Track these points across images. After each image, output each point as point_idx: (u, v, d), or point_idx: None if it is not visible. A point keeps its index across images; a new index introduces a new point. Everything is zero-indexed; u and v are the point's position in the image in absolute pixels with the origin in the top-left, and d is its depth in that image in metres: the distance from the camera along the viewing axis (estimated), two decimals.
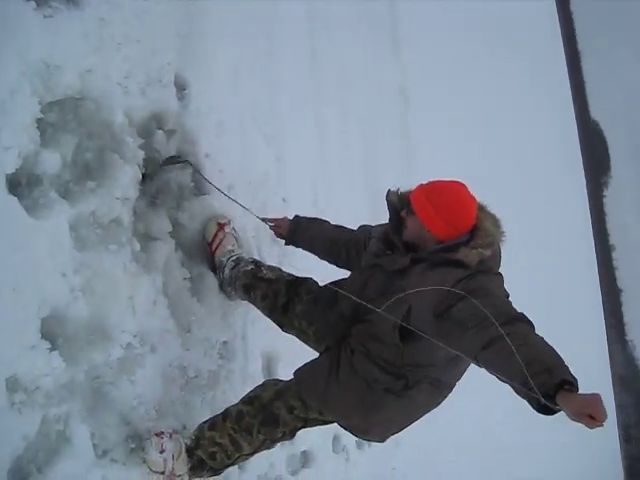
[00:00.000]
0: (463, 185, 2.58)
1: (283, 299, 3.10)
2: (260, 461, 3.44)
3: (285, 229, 3.19)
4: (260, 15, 4.11)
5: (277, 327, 3.20)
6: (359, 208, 4.69)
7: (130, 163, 2.81)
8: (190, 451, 2.75)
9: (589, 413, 1.67)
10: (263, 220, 3.25)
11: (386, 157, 4.28)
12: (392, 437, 2.86)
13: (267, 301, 3.13)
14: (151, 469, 2.65)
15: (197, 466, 2.76)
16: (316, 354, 2.94)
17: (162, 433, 2.70)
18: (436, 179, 2.63)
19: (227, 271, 3.24)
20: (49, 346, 2.29)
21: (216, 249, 3.29)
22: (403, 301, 2.46)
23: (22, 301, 2.22)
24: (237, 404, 2.82)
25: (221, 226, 3.30)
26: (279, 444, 2.90)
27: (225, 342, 3.34)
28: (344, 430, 2.82)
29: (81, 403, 2.45)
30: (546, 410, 1.81)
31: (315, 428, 2.90)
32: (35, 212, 2.35)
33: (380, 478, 4.79)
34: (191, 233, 3.26)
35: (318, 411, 2.68)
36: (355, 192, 4.81)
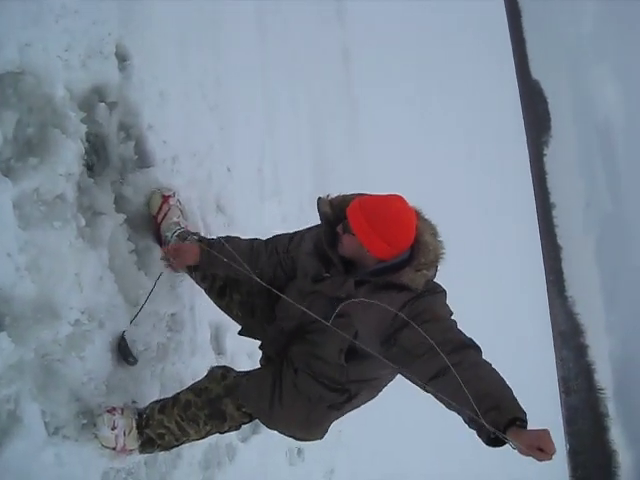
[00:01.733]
0: (401, 199, 2.51)
1: (220, 282, 3.15)
2: None
3: (194, 254, 3.01)
4: None
5: None
6: (305, 176, 4.72)
7: (73, 138, 2.75)
8: (140, 428, 2.78)
9: (539, 447, 1.80)
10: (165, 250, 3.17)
11: (332, 124, 4.30)
12: None
13: (206, 282, 3.19)
14: (103, 445, 2.68)
15: (147, 443, 2.81)
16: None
17: (114, 409, 2.72)
18: (373, 194, 2.58)
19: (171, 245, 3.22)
20: None
21: (161, 221, 3.26)
22: (349, 326, 2.48)
23: None
24: (187, 391, 2.84)
25: (166, 198, 3.27)
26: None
27: (173, 314, 3.37)
28: None
29: (31, 382, 2.44)
30: (495, 443, 1.93)
31: None
32: None
33: (327, 441, 4.89)
34: (136, 207, 3.23)
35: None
36: (301, 160, 4.82)
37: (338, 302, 2.47)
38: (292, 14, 5.00)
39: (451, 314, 2.45)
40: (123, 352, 2.91)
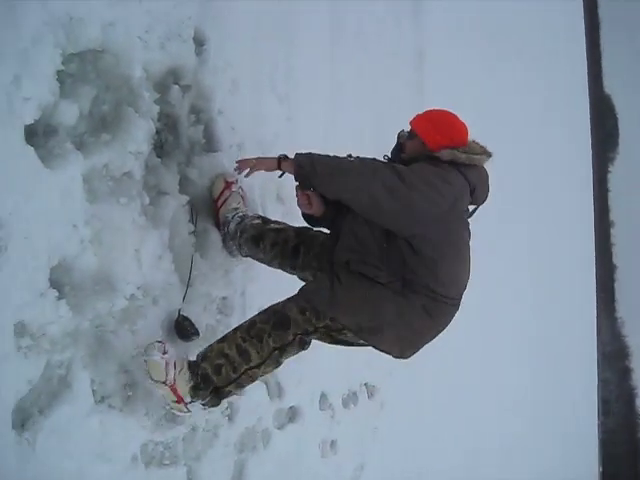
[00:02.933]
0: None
1: (293, 242, 3.22)
2: (248, 414, 3.58)
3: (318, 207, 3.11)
4: None
5: (276, 285, 3.30)
6: None
7: (145, 117, 2.83)
8: (194, 366, 2.76)
9: None
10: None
11: (398, 121, 4.27)
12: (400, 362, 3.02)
13: (277, 248, 3.23)
14: (152, 377, 2.67)
15: (199, 385, 2.74)
16: None
17: (166, 344, 2.75)
18: (430, 108, 3.04)
19: (232, 226, 3.29)
20: (57, 294, 2.35)
21: (221, 206, 3.34)
22: None
23: (33, 250, 2.27)
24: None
25: (228, 184, 3.33)
26: (284, 362, 2.86)
27: (224, 297, 3.42)
28: (357, 346, 2.92)
29: (84, 350, 2.54)
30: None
31: (305, 386, 2.96)
32: (50, 162, 2.37)
33: (362, 437, 4.95)
34: (199, 189, 3.30)
35: (328, 318, 2.74)
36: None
37: None
38: (366, 13, 5.01)
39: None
40: (181, 330, 3.00)
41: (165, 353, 2.68)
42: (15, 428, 2.25)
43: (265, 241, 3.24)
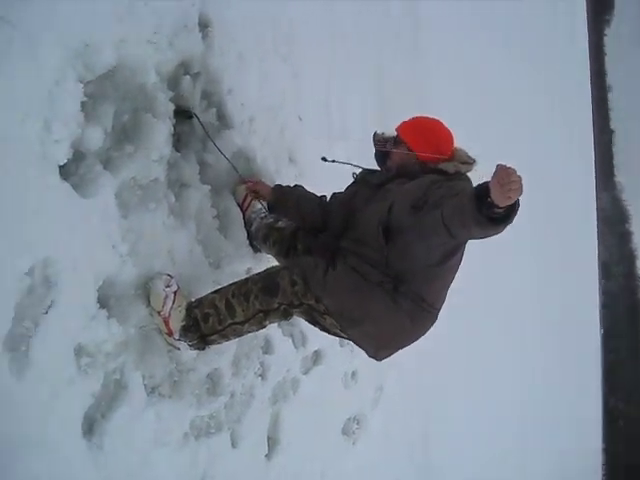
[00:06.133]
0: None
1: (287, 243, 3.40)
2: (278, 368, 3.87)
3: (267, 192, 3.45)
4: None
5: None
6: (368, 114, 4.81)
7: (163, 119, 2.92)
8: (189, 309, 2.89)
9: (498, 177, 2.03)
10: (244, 181, 3.49)
11: (396, 71, 4.38)
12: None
13: (277, 246, 3.44)
14: (150, 303, 2.81)
15: (190, 327, 2.88)
16: None
17: (173, 279, 2.88)
18: (416, 115, 3.11)
19: (254, 225, 3.51)
20: (107, 314, 2.55)
21: (247, 208, 3.54)
22: (386, 199, 2.86)
23: (81, 279, 2.44)
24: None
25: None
26: (268, 325, 2.99)
27: (249, 269, 3.62)
28: (333, 335, 3.02)
29: (134, 353, 2.75)
30: (495, 219, 2.21)
31: None
32: (84, 190, 2.49)
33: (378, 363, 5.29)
34: (218, 171, 3.43)
35: (315, 297, 2.81)
36: (365, 98, 4.90)
37: (380, 186, 3.02)
38: None
39: None
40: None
41: (168, 287, 2.81)
42: (85, 436, 2.52)
43: (270, 239, 3.46)
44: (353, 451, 4.91)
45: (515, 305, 10.05)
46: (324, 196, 3.43)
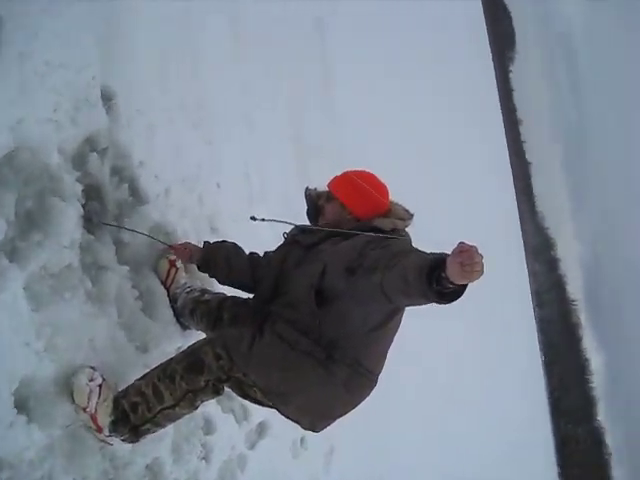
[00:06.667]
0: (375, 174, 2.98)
1: (214, 314, 3.24)
2: (222, 448, 3.66)
3: (197, 251, 3.25)
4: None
5: None
6: (289, 172, 4.74)
7: (71, 202, 2.75)
8: (117, 401, 2.69)
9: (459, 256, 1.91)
10: (170, 247, 3.32)
11: (312, 117, 4.34)
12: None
13: (205, 319, 3.27)
14: (74, 400, 2.59)
15: (119, 420, 2.67)
16: None
17: (96, 371, 2.68)
18: (348, 170, 3.01)
19: (180, 301, 3.35)
20: (26, 419, 2.34)
21: (171, 285, 3.37)
22: (318, 260, 2.71)
23: None
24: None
25: (172, 262, 3.38)
26: (201, 405, 2.81)
27: (179, 347, 3.43)
28: (267, 407, 2.84)
29: (60, 456, 2.52)
30: (443, 296, 2.06)
31: None
32: None
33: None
34: (136, 248, 3.25)
35: (242, 372, 2.69)
36: (283, 156, 4.84)
37: (312, 247, 2.87)
38: (269, 20, 4.91)
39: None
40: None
41: (92, 381, 2.61)
42: None
43: (197, 313, 3.29)
44: None
45: (454, 344, 10.06)
46: (255, 253, 3.31)
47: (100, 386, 2.64)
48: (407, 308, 2.67)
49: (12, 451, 2.28)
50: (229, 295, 3.35)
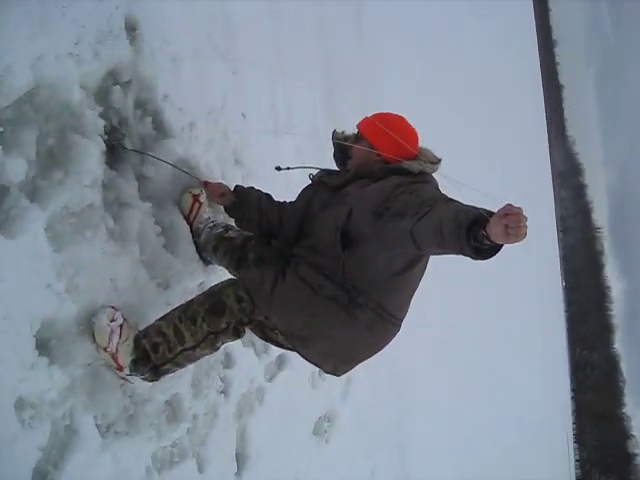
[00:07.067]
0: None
1: (237, 253, 3.20)
2: (241, 381, 3.71)
3: (229, 192, 3.19)
4: None
5: None
6: (317, 107, 4.61)
7: (93, 138, 2.68)
8: (137, 341, 2.70)
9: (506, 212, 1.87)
10: (204, 183, 3.24)
11: (341, 46, 4.18)
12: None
13: (227, 256, 3.24)
14: (96, 340, 2.60)
15: (140, 360, 2.70)
16: None
17: (119, 310, 2.70)
18: (378, 112, 2.93)
19: (203, 237, 3.30)
20: (47, 360, 2.36)
21: (194, 220, 3.32)
22: (345, 204, 2.68)
23: (15, 326, 2.24)
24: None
25: (195, 197, 3.31)
26: (222, 346, 2.83)
27: (201, 283, 3.43)
28: (288, 350, 2.87)
29: (82, 394, 2.56)
30: (480, 252, 2.03)
31: None
32: (10, 230, 2.27)
33: None
34: (159, 184, 3.20)
35: (263, 315, 2.70)
36: (312, 90, 4.68)
37: (338, 189, 2.82)
38: None
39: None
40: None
41: (113, 321, 2.62)
42: None
43: (220, 250, 3.25)
44: (326, 449, 4.80)
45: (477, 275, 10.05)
46: (284, 202, 3.24)
47: (121, 326, 2.66)
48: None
49: (34, 392, 2.30)
50: (248, 235, 3.31)
